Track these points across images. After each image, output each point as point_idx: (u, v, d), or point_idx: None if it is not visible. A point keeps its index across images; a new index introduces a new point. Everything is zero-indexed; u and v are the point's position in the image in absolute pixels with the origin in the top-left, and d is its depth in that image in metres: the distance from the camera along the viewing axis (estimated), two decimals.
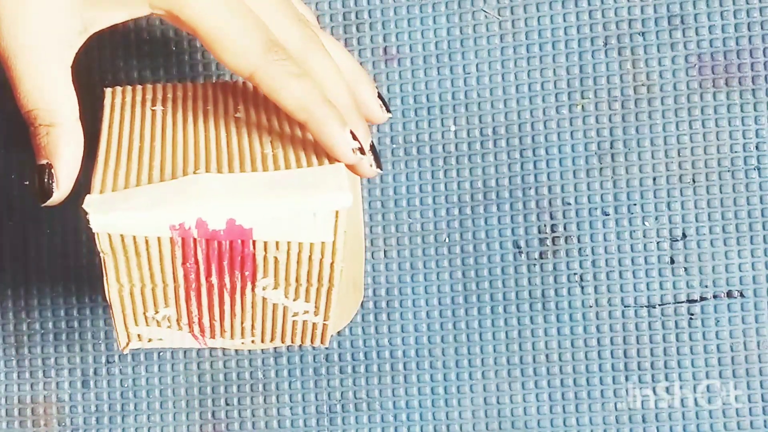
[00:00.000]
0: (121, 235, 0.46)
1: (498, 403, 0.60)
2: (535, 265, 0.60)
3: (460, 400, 0.61)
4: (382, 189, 0.61)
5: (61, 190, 0.49)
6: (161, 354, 0.63)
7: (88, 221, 0.46)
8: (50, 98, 0.48)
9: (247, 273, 0.49)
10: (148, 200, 0.46)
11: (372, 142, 0.50)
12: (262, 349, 0.62)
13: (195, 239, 0.47)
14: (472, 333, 0.61)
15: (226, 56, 0.49)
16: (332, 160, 0.48)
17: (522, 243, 0.60)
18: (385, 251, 0.61)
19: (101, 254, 0.47)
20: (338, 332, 0.61)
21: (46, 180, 0.48)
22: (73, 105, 0.49)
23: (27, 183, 0.63)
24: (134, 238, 0.46)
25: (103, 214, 0.46)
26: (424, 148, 0.61)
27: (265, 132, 0.50)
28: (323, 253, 0.48)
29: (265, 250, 0.47)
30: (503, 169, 0.60)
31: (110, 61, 0.63)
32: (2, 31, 0.47)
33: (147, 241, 0.47)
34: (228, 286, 0.49)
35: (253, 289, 0.50)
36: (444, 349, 0.61)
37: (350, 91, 0.52)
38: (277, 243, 0.47)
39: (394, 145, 0.61)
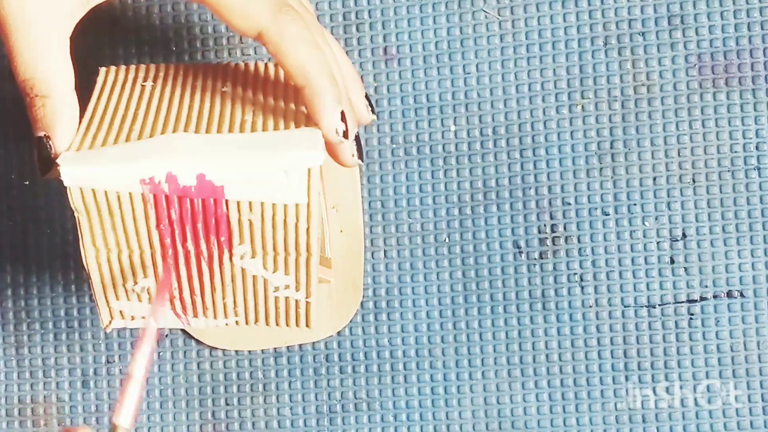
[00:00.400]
0: (93, 190, 0.46)
1: (498, 403, 0.60)
2: (535, 265, 0.60)
3: (460, 400, 0.61)
4: (382, 189, 0.61)
5: None
6: (161, 354, 0.63)
7: (55, 159, 0.46)
8: (47, 68, 0.48)
9: (222, 239, 0.49)
10: (119, 155, 0.46)
11: (358, 133, 0.50)
12: (262, 350, 0.62)
13: (167, 196, 0.47)
14: (472, 333, 0.61)
15: (233, 16, 0.48)
16: (309, 124, 0.48)
17: (522, 243, 0.60)
18: (385, 251, 0.61)
19: (75, 213, 0.47)
20: (338, 332, 0.61)
21: (45, 152, 0.48)
22: (69, 76, 0.48)
23: (27, 183, 0.63)
24: (105, 193, 0.47)
25: (74, 167, 0.46)
26: (424, 148, 0.61)
27: (249, 103, 0.50)
28: (298, 217, 0.48)
29: (239, 211, 0.48)
30: (503, 169, 0.60)
31: (110, 55, 0.63)
32: (2, 0, 0.47)
33: (119, 198, 0.47)
34: (205, 253, 0.49)
35: (230, 258, 0.50)
36: (444, 349, 0.61)
37: (344, 84, 0.52)
38: (250, 203, 0.47)
39: (394, 145, 0.61)
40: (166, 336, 0.63)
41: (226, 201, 0.47)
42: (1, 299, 0.64)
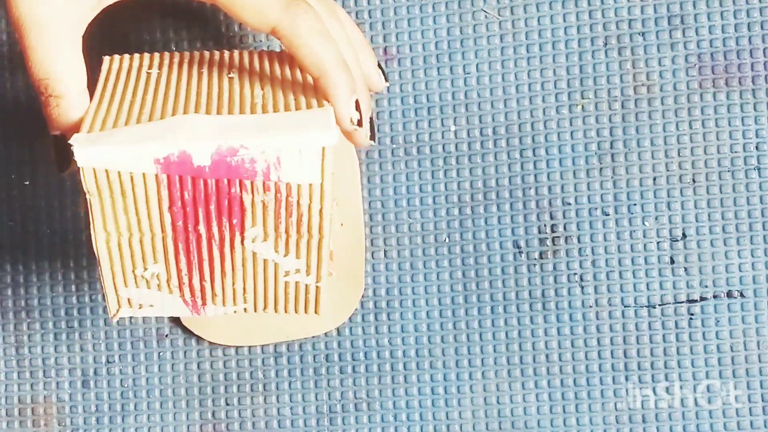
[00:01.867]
0: (106, 171, 0.47)
1: (498, 403, 0.60)
2: (535, 265, 0.60)
3: (460, 400, 0.61)
4: (382, 189, 0.61)
5: None
6: (161, 354, 0.63)
7: (73, 154, 0.46)
8: (60, 69, 0.49)
9: (235, 221, 0.49)
10: (133, 136, 0.46)
11: (371, 115, 0.51)
12: (262, 350, 0.62)
13: (180, 176, 0.47)
14: (472, 333, 0.61)
15: (246, 14, 0.49)
16: (321, 105, 0.48)
17: (522, 243, 0.60)
18: (385, 251, 0.61)
19: (87, 196, 0.47)
20: (338, 332, 0.61)
21: (61, 149, 0.49)
22: (82, 76, 0.50)
23: (27, 183, 0.63)
24: (119, 174, 0.47)
25: (89, 148, 0.46)
26: (424, 148, 0.61)
27: (257, 88, 0.50)
28: (311, 197, 0.48)
29: (252, 191, 0.48)
30: (503, 169, 0.60)
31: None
32: (17, 2, 0.49)
33: (132, 179, 0.47)
34: (216, 237, 0.50)
35: (242, 242, 0.50)
36: (444, 349, 0.61)
37: (359, 65, 0.53)
38: (263, 183, 0.47)
39: (394, 145, 0.61)
40: (166, 336, 0.63)
41: (240, 181, 0.47)
42: (1, 299, 0.64)
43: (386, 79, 0.56)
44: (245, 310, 0.54)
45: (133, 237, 0.49)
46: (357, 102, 0.50)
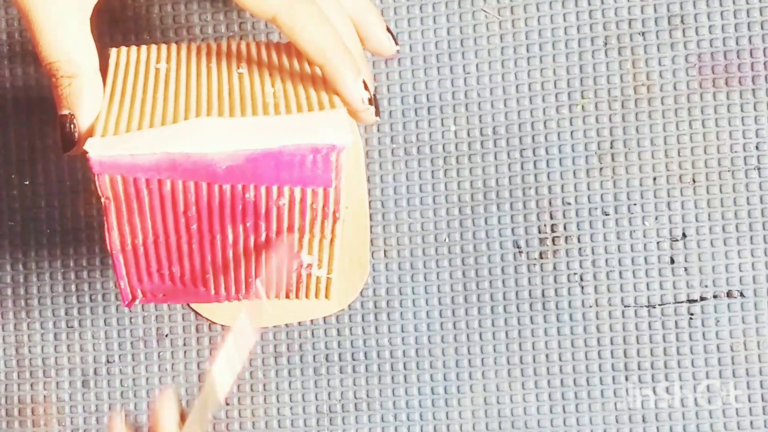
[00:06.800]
0: (122, 177, 0.47)
1: (498, 403, 0.60)
2: (535, 265, 0.60)
3: (460, 400, 0.61)
4: (382, 189, 0.61)
5: (83, 138, 0.49)
6: (161, 354, 0.63)
7: (89, 160, 0.46)
8: (71, 50, 0.49)
9: (248, 224, 0.49)
10: (148, 141, 0.46)
11: (375, 92, 0.52)
12: (263, 349, 0.62)
13: (195, 182, 0.47)
14: (472, 333, 0.61)
15: (249, 1, 0.50)
16: (333, 105, 0.49)
17: (522, 243, 0.60)
18: (385, 251, 0.61)
19: (102, 200, 0.47)
20: (338, 332, 0.61)
21: (68, 129, 0.48)
22: (93, 56, 0.49)
23: (27, 183, 0.63)
24: (134, 180, 0.47)
25: (102, 154, 0.46)
26: (424, 148, 0.61)
27: (268, 84, 0.50)
28: (325, 201, 0.48)
29: (266, 196, 0.48)
30: (503, 169, 0.60)
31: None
32: None
33: (147, 184, 0.47)
34: (230, 238, 0.50)
35: (255, 241, 0.50)
36: (444, 349, 0.61)
37: (359, 42, 0.53)
38: (277, 188, 0.47)
39: (394, 145, 0.61)
40: (166, 336, 0.63)
41: (254, 186, 0.47)
42: (1, 299, 0.64)
43: (396, 43, 0.56)
44: (257, 296, 0.54)
45: (147, 238, 0.49)
46: (364, 82, 0.50)
